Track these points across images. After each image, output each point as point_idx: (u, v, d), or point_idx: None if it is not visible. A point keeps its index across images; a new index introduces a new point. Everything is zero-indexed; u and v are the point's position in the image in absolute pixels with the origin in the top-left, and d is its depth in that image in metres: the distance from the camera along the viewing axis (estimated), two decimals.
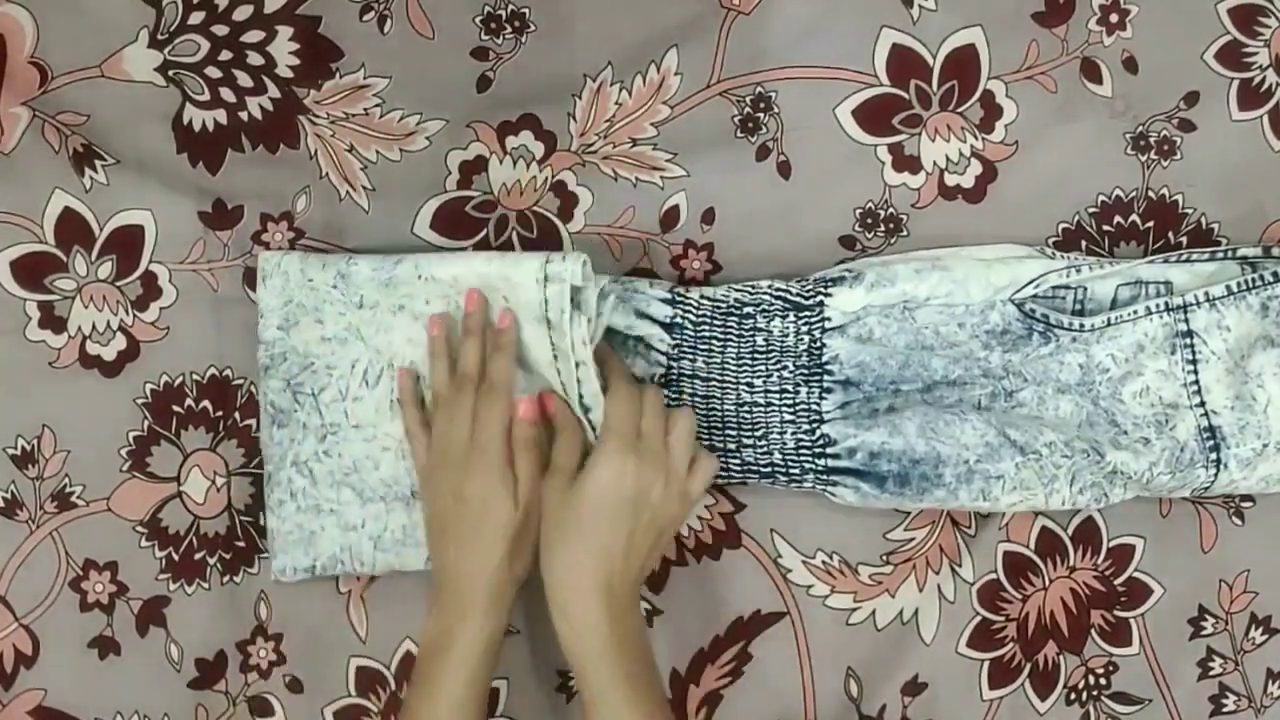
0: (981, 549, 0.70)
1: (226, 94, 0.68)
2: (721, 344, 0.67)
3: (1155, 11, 0.71)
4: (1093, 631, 0.71)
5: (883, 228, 0.70)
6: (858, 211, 0.70)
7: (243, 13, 0.68)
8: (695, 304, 0.67)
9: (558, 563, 0.60)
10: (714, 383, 0.67)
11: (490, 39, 0.69)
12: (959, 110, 0.70)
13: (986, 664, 0.70)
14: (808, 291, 0.67)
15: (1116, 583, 0.71)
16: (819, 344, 0.67)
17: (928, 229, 0.70)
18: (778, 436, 0.67)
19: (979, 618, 0.70)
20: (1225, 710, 0.72)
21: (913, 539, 0.70)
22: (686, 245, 0.69)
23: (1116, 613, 0.71)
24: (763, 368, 0.67)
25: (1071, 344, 0.66)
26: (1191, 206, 0.71)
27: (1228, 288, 0.66)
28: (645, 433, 0.61)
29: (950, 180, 0.70)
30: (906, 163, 0.70)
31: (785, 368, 0.67)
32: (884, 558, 0.70)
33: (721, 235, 0.69)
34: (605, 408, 0.62)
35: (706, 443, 0.67)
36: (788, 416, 0.67)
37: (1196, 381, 0.66)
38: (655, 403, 0.63)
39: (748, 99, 0.70)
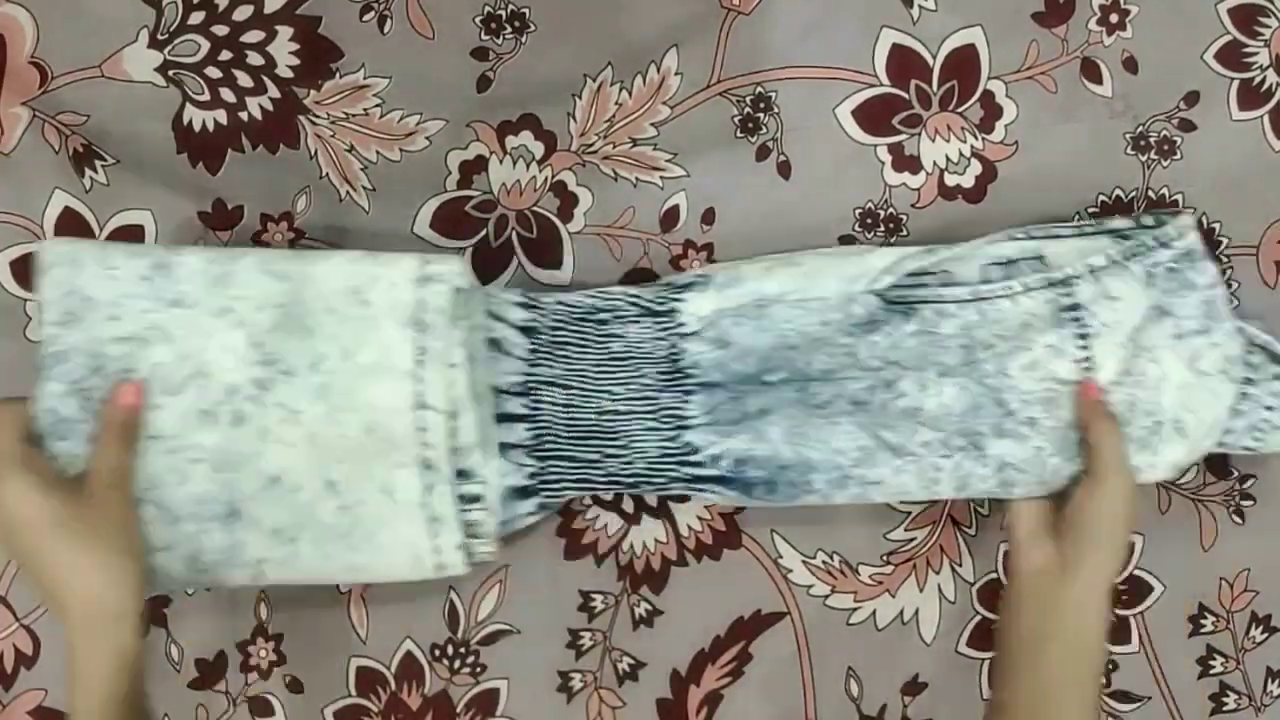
0: (982, 548, 0.70)
1: (226, 94, 0.68)
2: (579, 349, 0.65)
3: (1155, 11, 0.71)
4: None
5: (883, 228, 0.70)
6: (858, 211, 0.70)
7: (243, 13, 0.68)
8: (551, 308, 0.65)
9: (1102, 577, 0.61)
10: (574, 391, 0.65)
11: (490, 39, 0.69)
12: (959, 110, 0.70)
13: (987, 663, 0.70)
14: (660, 297, 0.66)
15: (1116, 581, 0.71)
16: (678, 349, 0.65)
17: (928, 229, 0.70)
18: (641, 445, 0.65)
19: (979, 617, 0.70)
20: (1225, 709, 0.72)
21: (913, 539, 0.70)
22: (686, 245, 0.69)
23: (1116, 611, 0.71)
24: (622, 374, 0.65)
25: (944, 322, 0.64)
26: (1191, 206, 0.71)
27: (1108, 257, 0.64)
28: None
29: (950, 180, 0.70)
30: (906, 163, 0.70)
31: (645, 374, 0.65)
32: (884, 558, 0.70)
33: (721, 235, 0.69)
34: (1108, 437, 0.61)
35: (568, 453, 0.65)
36: (650, 424, 0.65)
37: (1089, 356, 0.63)
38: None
39: (748, 99, 0.70)
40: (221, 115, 0.68)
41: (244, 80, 0.68)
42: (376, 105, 0.68)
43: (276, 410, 0.60)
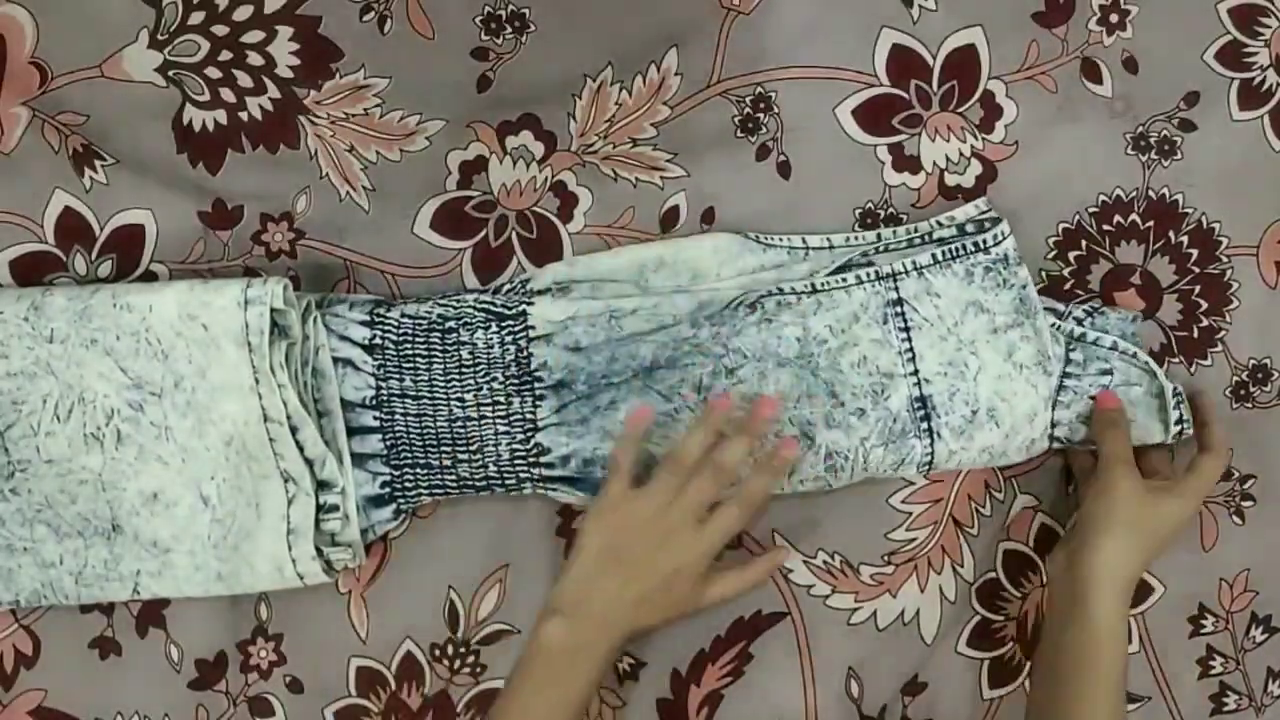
0: (982, 548, 0.70)
1: (226, 94, 0.68)
2: (426, 360, 0.66)
3: (1155, 11, 0.71)
4: None
5: (883, 228, 0.70)
6: (858, 211, 0.70)
7: (243, 13, 0.68)
8: (395, 324, 0.66)
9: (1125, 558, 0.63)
10: (424, 400, 0.66)
11: (490, 39, 0.69)
12: (959, 110, 0.70)
13: (987, 663, 0.70)
14: (511, 302, 0.66)
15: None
16: (526, 353, 0.66)
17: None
18: (492, 449, 0.66)
19: (979, 617, 0.70)
20: (1226, 709, 0.72)
21: (914, 539, 0.70)
22: None
23: None
24: (471, 381, 0.66)
25: (784, 312, 0.66)
26: (1191, 206, 0.71)
27: (933, 256, 0.66)
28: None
29: (950, 180, 0.70)
30: (906, 163, 0.70)
31: (494, 379, 0.66)
32: (885, 558, 0.70)
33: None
34: (1110, 442, 0.65)
35: (422, 461, 0.66)
36: (502, 428, 0.66)
37: (911, 349, 0.66)
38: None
39: (748, 99, 0.70)
40: (221, 115, 0.68)
41: (244, 80, 0.68)
42: (376, 105, 0.68)
43: (151, 429, 0.63)
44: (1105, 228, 0.71)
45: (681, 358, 0.66)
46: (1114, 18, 0.71)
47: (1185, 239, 0.71)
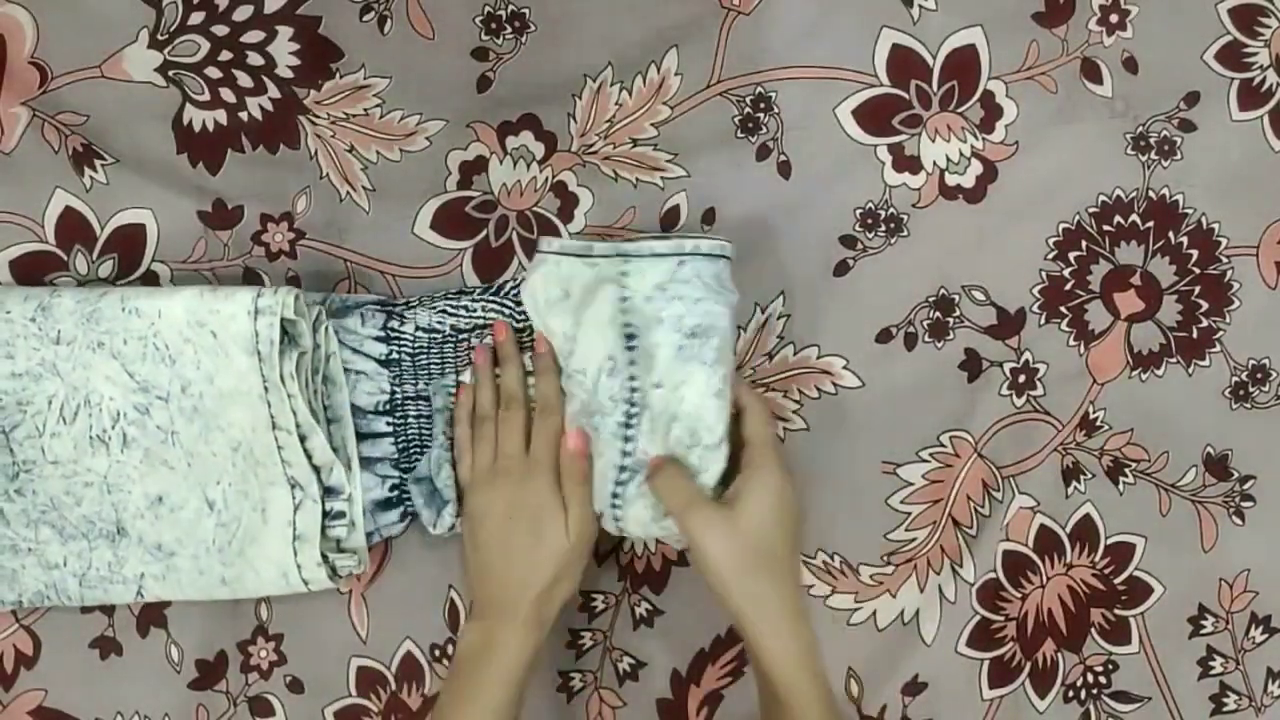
0: (982, 549, 0.70)
1: (226, 94, 0.68)
2: (440, 369, 0.66)
3: (1155, 11, 0.71)
4: (1093, 630, 0.71)
5: (883, 228, 0.70)
6: (858, 211, 0.70)
7: (243, 13, 0.68)
8: (411, 338, 0.66)
9: (761, 598, 0.58)
10: (438, 404, 0.66)
11: (490, 39, 0.69)
12: (959, 110, 0.70)
13: (986, 663, 0.70)
14: (519, 312, 0.66)
15: (1116, 581, 0.71)
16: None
17: (928, 229, 0.70)
18: None
19: (979, 617, 0.70)
20: (1226, 709, 0.72)
21: (914, 539, 0.70)
22: None
23: (1117, 611, 0.71)
24: None
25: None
26: (1191, 206, 0.71)
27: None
28: (775, 440, 0.62)
29: (950, 180, 0.70)
30: (907, 163, 0.70)
31: None
32: (885, 558, 0.70)
33: (722, 235, 0.69)
34: (750, 421, 0.62)
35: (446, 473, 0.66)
36: None
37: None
38: (765, 407, 0.64)
39: (748, 99, 0.70)
40: (221, 115, 0.68)
41: (244, 80, 0.68)
42: (376, 105, 0.68)
43: (157, 433, 0.63)
44: (1105, 228, 0.71)
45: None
46: (1114, 18, 0.71)
47: (1185, 239, 0.71)
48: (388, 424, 0.66)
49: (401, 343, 0.66)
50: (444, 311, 0.66)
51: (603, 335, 0.62)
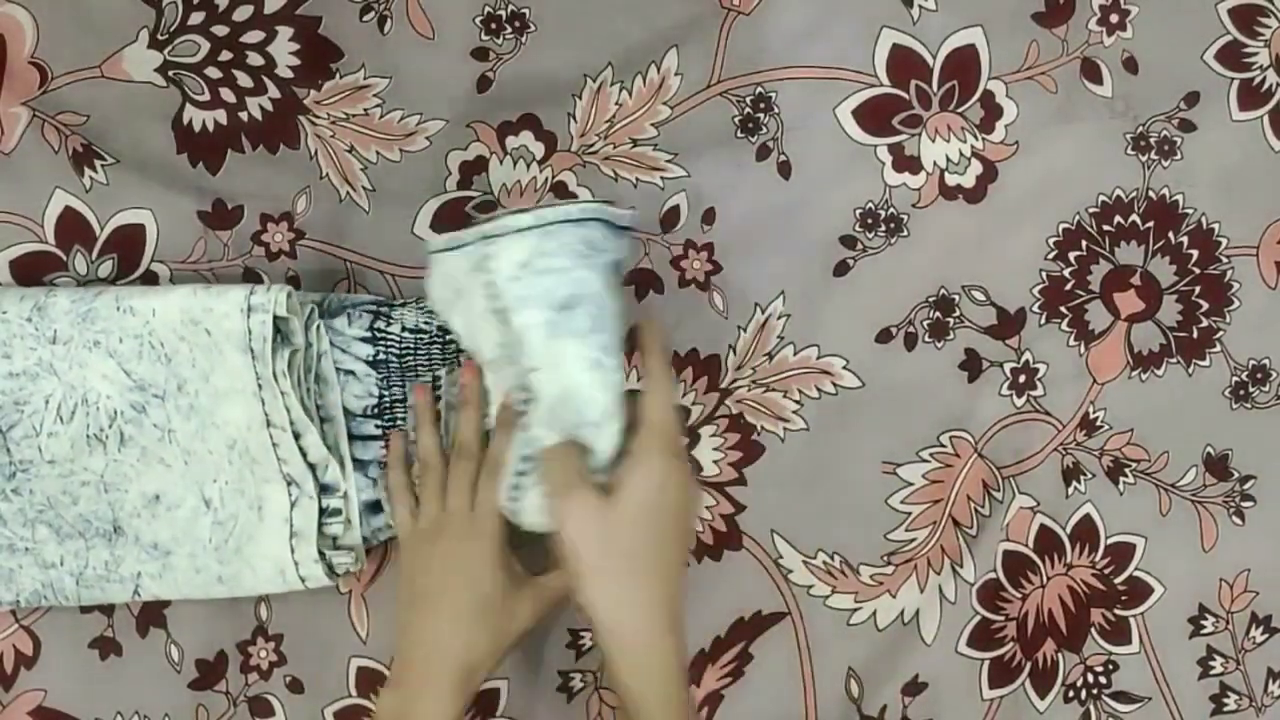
0: (982, 549, 0.70)
1: (226, 94, 0.68)
2: (428, 369, 0.66)
3: (1155, 11, 0.71)
4: (1093, 630, 0.71)
5: (883, 228, 0.70)
6: (858, 211, 0.70)
7: (243, 13, 0.68)
8: (397, 339, 0.66)
9: (619, 597, 0.54)
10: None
11: (490, 39, 0.69)
12: (959, 110, 0.70)
13: (987, 663, 0.70)
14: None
15: (1117, 581, 0.71)
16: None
17: (928, 229, 0.70)
18: None
19: (979, 617, 0.70)
20: (1226, 709, 0.72)
21: (914, 539, 0.70)
22: (687, 245, 0.69)
23: (1117, 611, 0.71)
24: None
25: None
26: (1191, 206, 0.71)
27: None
28: (671, 424, 0.56)
29: (950, 180, 0.70)
30: (907, 163, 0.70)
31: None
32: (885, 558, 0.70)
33: (722, 235, 0.69)
34: (647, 401, 0.57)
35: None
36: None
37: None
38: (670, 384, 0.58)
39: (748, 99, 0.70)
40: (221, 115, 0.68)
41: (244, 80, 0.68)
42: (376, 105, 0.68)
43: (154, 431, 0.63)
44: (1105, 228, 0.71)
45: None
46: (1114, 18, 0.71)
47: (1185, 239, 0.71)
48: (376, 426, 0.66)
49: (388, 344, 0.66)
50: (431, 311, 0.66)
51: (486, 327, 0.59)
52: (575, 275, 0.57)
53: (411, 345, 0.66)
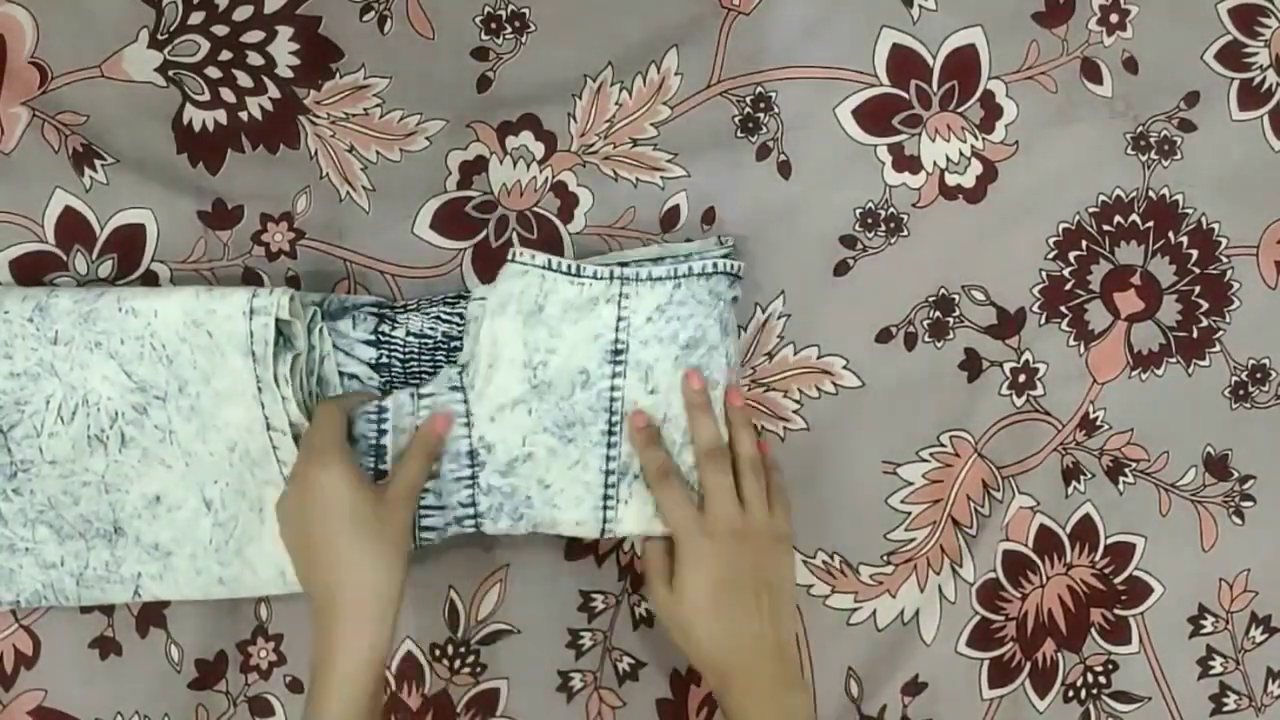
0: (982, 549, 0.70)
1: (226, 94, 0.68)
2: (432, 374, 0.66)
3: (1155, 11, 0.71)
4: (1093, 630, 0.71)
5: (883, 228, 0.70)
6: (858, 211, 0.70)
7: (243, 13, 0.68)
8: (401, 343, 0.66)
9: (728, 670, 0.60)
10: (427, 411, 0.64)
11: (490, 39, 0.69)
12: (959, 110, 0.70)
13: (986, 663, 0.70)
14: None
15: (1116, 581, 0.71)
16: None
17: (928, 229, 0.70)
18: None
19: (978, 617, 0.70)
20: (1226, 709, 0.72)
21: (914, 539, 0.70)
22: None
23: (1116, 611, 0.71)
24: None
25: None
26: (1191, 206, 0.71)
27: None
28: (738, 502, 0.62)
29: (951, 180, 0.70)
30: (907, 163, 0.70)
31: None
32: (885, 558, 0.70)
33: (722, 235, 0.69)
34: (658, 504, 0.63)
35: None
36: None
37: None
38: (723, 463, 0.63)
39: (748, 99, 0.70)
40: (221, 115, 0.68)
41: (244, 80, 0.68)
42: (376, 105, 0.68)
43: (155, 432, 0.63)
44: (1105, 228, 0.71)
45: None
46: (1114, 18, 0.71)
47: (1185, 239, 0.71)
48: (375, 431, 0.65)
49: (392, 347, 0.66)
50: (438, 318, 0.66)
51: (586, 351, 0.63)
52: (697, 321, 0.64)
53: (415, 350, 0.66)
